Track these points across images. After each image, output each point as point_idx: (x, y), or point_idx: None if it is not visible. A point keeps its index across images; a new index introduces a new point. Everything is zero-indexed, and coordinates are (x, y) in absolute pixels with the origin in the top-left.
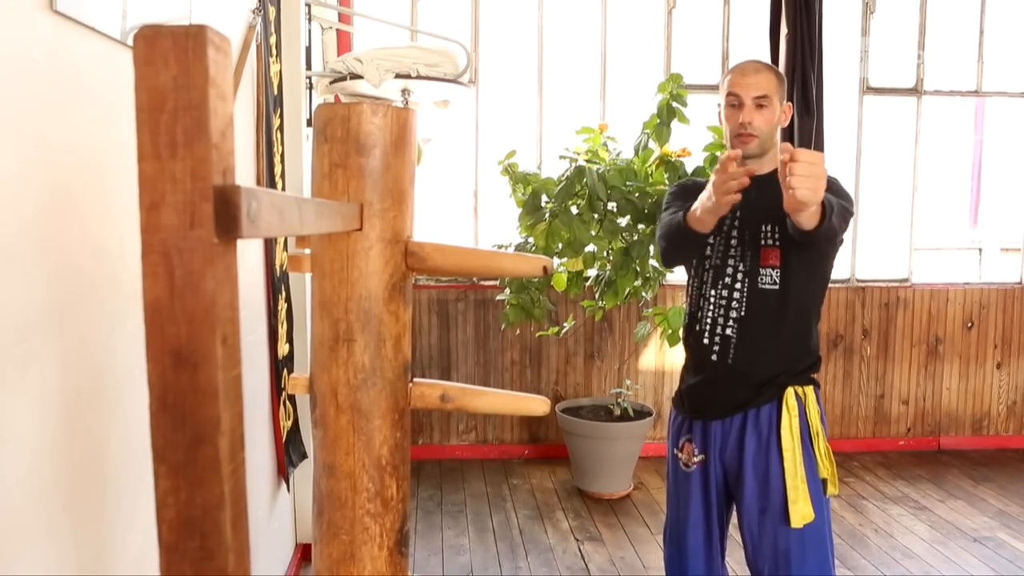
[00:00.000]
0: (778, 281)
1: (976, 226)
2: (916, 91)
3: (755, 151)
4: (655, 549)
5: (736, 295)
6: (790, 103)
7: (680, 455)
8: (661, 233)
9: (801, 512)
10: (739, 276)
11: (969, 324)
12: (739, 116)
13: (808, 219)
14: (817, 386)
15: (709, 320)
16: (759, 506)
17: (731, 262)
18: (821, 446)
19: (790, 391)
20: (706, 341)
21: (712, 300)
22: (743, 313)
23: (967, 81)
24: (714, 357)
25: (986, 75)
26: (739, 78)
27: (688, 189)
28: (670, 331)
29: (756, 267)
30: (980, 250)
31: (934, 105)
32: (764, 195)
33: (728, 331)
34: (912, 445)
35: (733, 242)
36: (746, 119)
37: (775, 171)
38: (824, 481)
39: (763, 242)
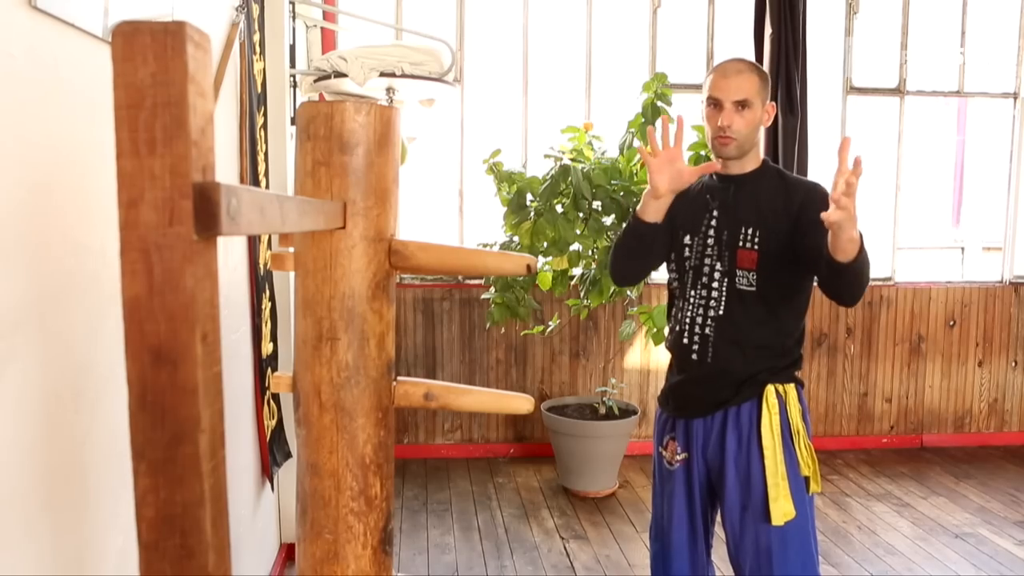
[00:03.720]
0: (754, 284)
1: (958, 225)
2: (899, 91)
3: (733, 154)
4: (640, 547)
5: (715, 294)
6: (773, 103)
7: (664, 453)
8: (612, 247)
9: (782, 509)
10: (716, 275)
11: (951, 323)
12: (719, 119)
13: (843, 249)
14: (800, 384)
15: (689, 319)
16: (741, 503)
17: (708, 261)
18: (802, 444)
19: (770, 389)
20: (686, 340)
21: (692, 299)
22: (721, 312)
23: (949, 82)
24: (694, 356)
25: (968, 76)
26: (720, 80)
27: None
28: (655, 330)
29: (733, 268)
30: (962, 249)
31: (917, 105)
32: (743, 194)
33: (707, 330)
34: (895, 443)
35: (710, 241)
36: (725, 123)
37: (755, 171)
38: (807, 479)
39: (741, 244)
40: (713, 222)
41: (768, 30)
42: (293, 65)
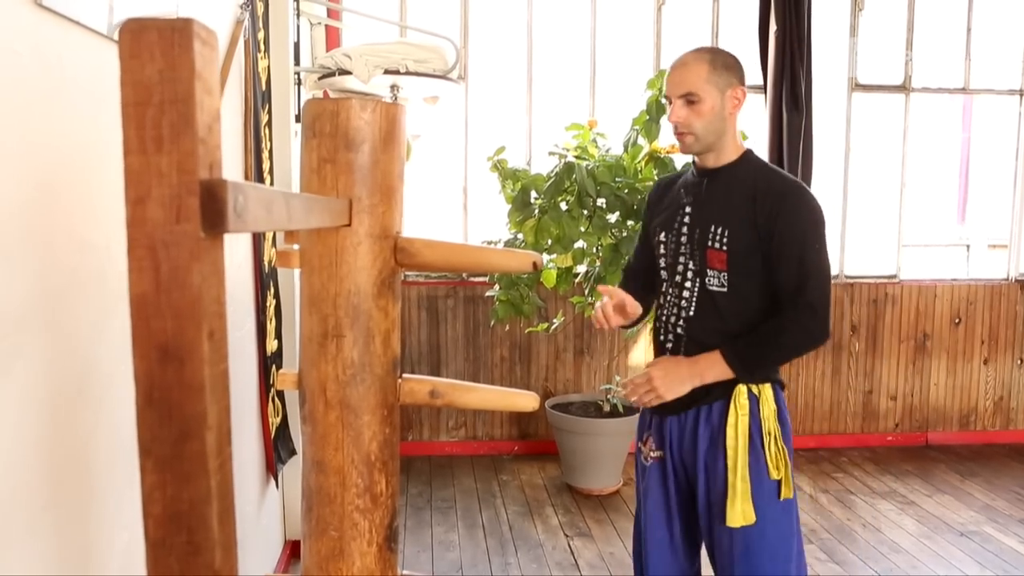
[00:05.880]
0: (725, 284)
1: (964, 223)
2: (904, 88)
3: (696, 149)
4: None
5: (686, 294)
6: (741, 86)
7: (642, 449)
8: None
9: (740, 511)
10: (689, 275)
11: (957, 320)
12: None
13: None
14: (778, 384)
15: (664, 317)
16: (708, 503)
17: (682, 259)
18: (772, 447)
19: (741, 389)
20: (662, 338)
21: (669, 297)
22: (691, 313)
23: (955, 78)
24: (668, 355)
25: (974, 72)
26: (668, 75)
27: (658, 190)
28: None
29: (704, 268)
30: (968, 246)
31: (922, 102)
32: (716, 192)
33: (679, 330)
34: (900, 440)
35: (683, 239)
36: (672, 119)
37: (732, 163)
38: (778, 483)
39: (710, 244)
40: (686, 219)
41: (773, 27)
42: (297, 63)
